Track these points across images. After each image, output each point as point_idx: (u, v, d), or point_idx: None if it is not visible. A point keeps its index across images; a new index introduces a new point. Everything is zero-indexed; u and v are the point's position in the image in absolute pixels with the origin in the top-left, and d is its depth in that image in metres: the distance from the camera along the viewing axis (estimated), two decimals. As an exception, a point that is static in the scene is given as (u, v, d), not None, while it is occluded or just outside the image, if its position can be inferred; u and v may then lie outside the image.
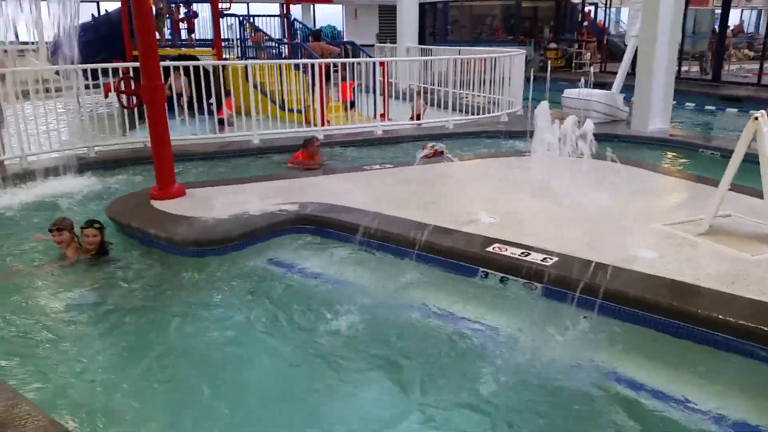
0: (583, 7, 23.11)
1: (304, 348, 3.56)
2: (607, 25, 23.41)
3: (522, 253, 4.14)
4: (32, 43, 10.61)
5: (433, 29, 21.90)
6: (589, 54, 21.42)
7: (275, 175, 6.87)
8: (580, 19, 23.18)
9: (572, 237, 4.43)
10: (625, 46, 10.95)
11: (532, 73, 10.24)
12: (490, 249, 4.24)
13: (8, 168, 7.08)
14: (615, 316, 3.58)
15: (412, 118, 10.63)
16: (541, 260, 4.01)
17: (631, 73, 10.32)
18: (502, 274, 4.08)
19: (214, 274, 4.47)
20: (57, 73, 8.73)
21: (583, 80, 9.65)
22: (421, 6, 17.79)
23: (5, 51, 7.48)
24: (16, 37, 7.08)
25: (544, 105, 6.13)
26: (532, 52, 19.19)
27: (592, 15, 24.10)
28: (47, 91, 8.03)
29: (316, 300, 4.10)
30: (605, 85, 11.43)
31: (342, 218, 5.01)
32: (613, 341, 3.45)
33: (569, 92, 10.65)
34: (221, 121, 9.45)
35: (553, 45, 21.47)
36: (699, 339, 3.31)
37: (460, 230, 4.62)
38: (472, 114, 10.77)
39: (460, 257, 4.30)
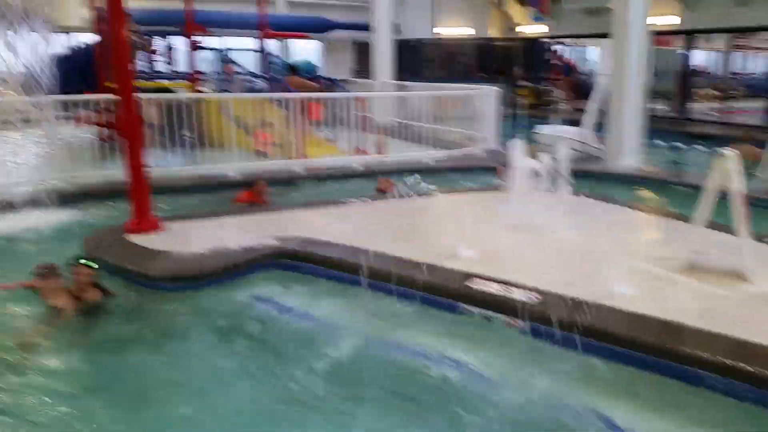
0: (551, 45, 23.76)
1: (281, 386, 3.49)
2: (575, 64, 24.07)
3: (502, 288, 4.15)
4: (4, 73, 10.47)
5: (409, 66, 22.26)
6: (559, 91, 21.93)
7: (253, 209, 6.81)
8: (549, 58, 23.79)
9: (552, 273, 4.46)
10: (593, 84, 11.26)
11: (503, 111, 10.45)
12: (470, 284, 4.24)
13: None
14: (597, 354, 3.59)
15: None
16: (523, 296, 4.02)
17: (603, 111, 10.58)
18: (483, 311, 4.08)
19: (191, 309, 4.39)
20: (31, 104, 8.62)
21: (554, 117, 9.87)
22: (397, 42, 18.08)
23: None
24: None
25: (517, 142, 6.23)
26: (504, 90, 19.57)
27: (561, 54, 24.77)
28: (24, 121, 7.90)
29: (294, 337, 4.05)
30: (576, 122, 11.69)
31: (321, 252, 4.98)
32: (594, 379, 3.45)
33: (542, 128, 10.85)
34: (258, 152, 9.50)
35: (524, 83, 21.95)
36: (682, 377, 3.33)
37: (441, 265, 4.62)
38: (448, 149, 10.89)
39: (441, 293, 4.29)
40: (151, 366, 3.74)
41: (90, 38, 12.56)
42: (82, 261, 4.33)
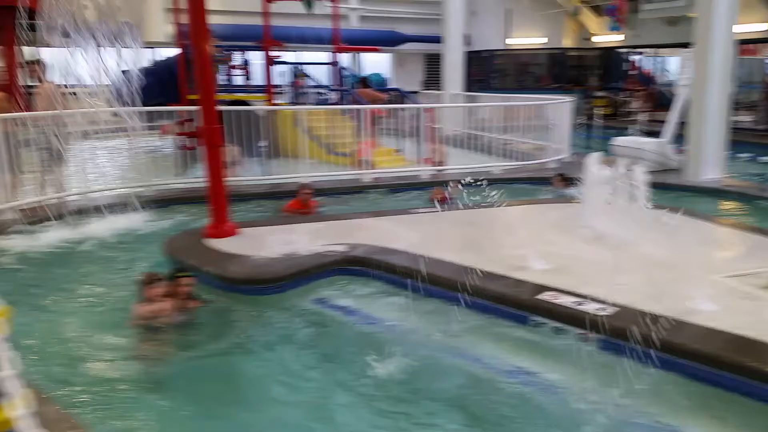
0: (629, 55, 23.09)
1: (349, 390, 3.53)
2: (654, 74, 23.27)
3: (575, 302, 4.05)
4: (93, 86, 11.13)
5: (479, 77, 22.18)
6: (637, 102, 21.26)
7: (324, 216, 6.96)
8: (626, 68, 23.13)
9: (629, 287, 4.31)
10: (673, 95, 10.85)
11: (578, 122, 10.22)
12: (541, 297, 4.16)
13: (70, 205, 7.35)
14: (675, 371, 3.45)
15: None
16: (596, 310, 3.91)
17: (683, 122, 10.19)
18: (555, 323, 3.99)
19: (264, 312, 4.51)
20: (115, 114, 9.14)
21: (632, 129, 9.57)
22: (467, 54, 18.08)
23: (74, 93, 7.87)
24: (79, 80, 7.45)
25: (594, 154, 6.09)
26: (578, 100, 19.19)
27: (639, 64, 24.02)
28: (109, 131, 8.38)
29: (363, 343, 4.06)
30: (654, 133, 11.30)
31: (389, 260, 5.01)
32: (671, 398, 3.31)
33: (619, 140, 10.55)
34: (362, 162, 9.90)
35: (600, 93, 21.44)
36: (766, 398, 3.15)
37: (511, 276, 4.56)
38: (519, 160, 10.76)
39: (510, 304, 4.24)
40: (237, 366, 3.87)
41: (173, 52, 13.20)
42: (181, 273, 4.44)
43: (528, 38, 22.80)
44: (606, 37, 22.05)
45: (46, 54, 7.51)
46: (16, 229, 6.41)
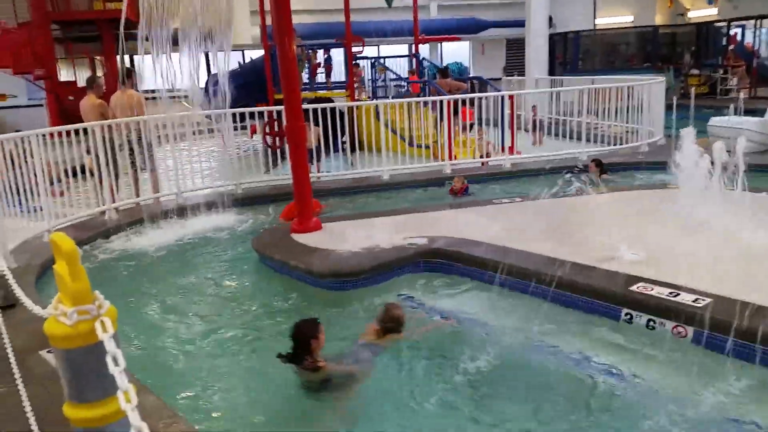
0: (729, 29, 21.59)
1: (435, 387, 3.52)
2: (756, 47, 21.64)
3: (670, 293, 3.87)
4: (185, 90, 11.70)
5: (564, 59, 21.49)
6: (736, 79, 19.88)
7: (404, 209, 7.00)
8: (725, 43, 21.65)
9: (728, 277, 4.07)
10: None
11: (674, 101, 9.64)
12: (634, 288, 4.00)
13: (164, 204, 7.79)
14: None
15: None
16: (693, 301, 3.71)
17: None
18: (648, 317, 3.83)
19: (347, 306, 4.60)
20: (207, 117, 9.58)
21: (732, 107, 8.96)
22: (551, 37, 17.56)
23: (174, 98, 8.28)
24: (172, 85, 7.85)
25: (689, 133, 5.76)
26: (671, 79, 18.19)
27: (739, 37, 22.42)
28: (200, 133, 8.79)
29: (447, 338, 4.04)
30: (756, 112, 10.53)
31: (472, 252, 4.97)
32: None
33: (717, 120, 9.91)
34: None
35: (694, 71, 20.22)
36: None
37: (600, 267, 4.41)
38: (608, 144, 10.35)
39: (601, 296, 4.10)
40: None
41: (259, 54, 13.66)
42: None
43: (615, 17, 21.84)
44: (701, 12, 20.75)
45: (142, 61, 7.95)
46: (117, 230, 6.85)
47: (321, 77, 14.09)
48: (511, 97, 10.22)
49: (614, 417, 3.13)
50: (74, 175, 7.30)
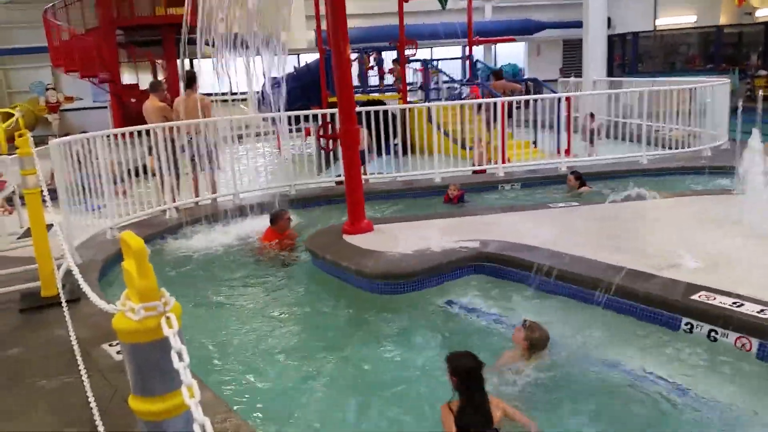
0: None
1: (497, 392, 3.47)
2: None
3: (734, 303, 3.72)
4: (242, 93, 11.97)
5: (622, 61, 20.95)
6: (808, 80, 18.93)
7: (456, 212, 6.96)
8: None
9: (797, 287, 3.89)
10: None
11: (739, 104, 9.23)
12: (695, 297, 3.87)
13: (221, 204, 7.98)
14: None
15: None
16: (758, 312, 3.56)
17: None
18: (710, 327, 3.69)
19: (398, 307, 4.61)
20: (264, 119, 9.77)
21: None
22: (609, 38, 17.13)
23: (236, 101, 8.46)
24: (231, 89, 8.04)
25: (755, 136, 5.54)
26: (736, 80, 17.47)
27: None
28: (256, 135, 8.96)
29: (497, 344, 3.99)
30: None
31: (525, 257, 4.90)
32: None
33: (785, 123, 9.47)
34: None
35: (762, 72, 19.36)
36: None
37: (659, 275, 4.28)
38: (669, 148, 10.02)
39: (660, 305, 3.97)
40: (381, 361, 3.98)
41: (314, 58, 13.84)
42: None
43: (677, 17, 21.11)
44: (771, 9, 19.83)
45: (202, 65, 8.17)
46: (178, 228, 7.07)
47: (375, 80, 14.12)
48: (567, 99, 10.03)
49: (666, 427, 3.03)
50: (136, 174, 7.56)
